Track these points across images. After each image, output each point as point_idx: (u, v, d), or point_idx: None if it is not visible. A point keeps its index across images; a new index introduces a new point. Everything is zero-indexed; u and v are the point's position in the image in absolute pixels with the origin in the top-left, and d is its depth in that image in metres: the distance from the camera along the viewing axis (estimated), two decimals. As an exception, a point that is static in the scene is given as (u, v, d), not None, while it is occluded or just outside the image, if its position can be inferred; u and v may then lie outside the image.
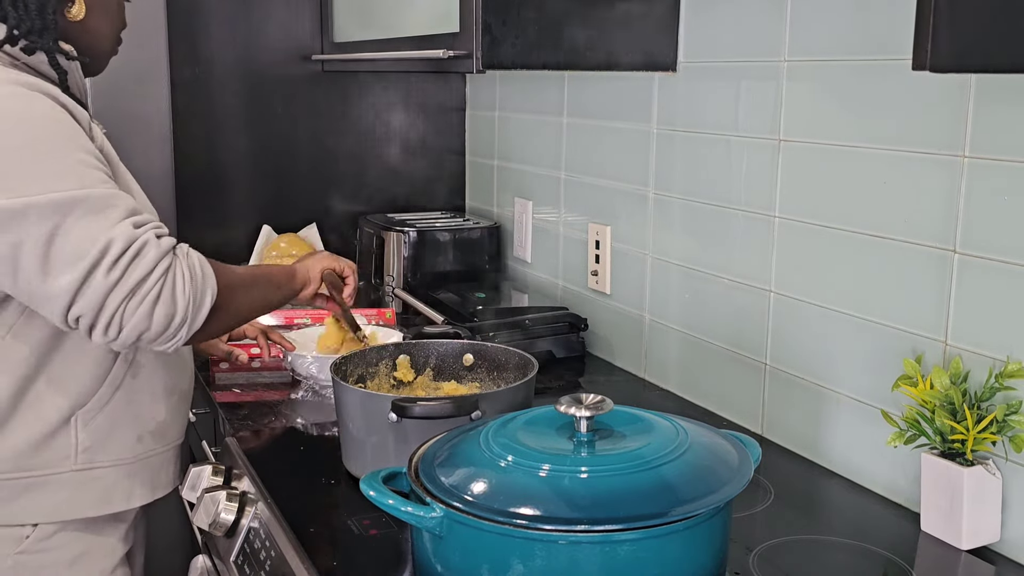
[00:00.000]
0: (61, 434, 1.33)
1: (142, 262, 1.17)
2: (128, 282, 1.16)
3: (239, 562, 1.40)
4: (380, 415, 1.31)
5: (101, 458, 1.37)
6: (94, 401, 1.35)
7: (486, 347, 1.57)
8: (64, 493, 1.34)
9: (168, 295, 1.19)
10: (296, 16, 2.49)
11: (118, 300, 1.16)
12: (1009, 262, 1.20)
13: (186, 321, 1.21)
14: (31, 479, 1.33)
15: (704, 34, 1.71)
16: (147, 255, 1.17)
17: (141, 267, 1.17)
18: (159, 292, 1.18)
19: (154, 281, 1.17)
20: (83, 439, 1.35)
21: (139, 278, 1.16)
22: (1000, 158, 1.20)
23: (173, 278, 1.20)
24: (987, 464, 1.22)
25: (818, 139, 1.47)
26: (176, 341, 1.22)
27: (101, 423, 1.36)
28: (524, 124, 2.35)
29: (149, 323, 1.18)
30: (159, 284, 1.18)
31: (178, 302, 1.20)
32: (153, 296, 1.17)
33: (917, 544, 1.27)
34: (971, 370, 1.25)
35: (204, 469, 1.51)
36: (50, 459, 1.33)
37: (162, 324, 1.19)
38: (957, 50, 0.82)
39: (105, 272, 1.15)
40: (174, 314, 1.19)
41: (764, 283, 1.60)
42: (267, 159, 2.52)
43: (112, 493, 1.38)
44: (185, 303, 1.20)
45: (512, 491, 0.97)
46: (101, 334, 1.17)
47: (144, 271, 1.17)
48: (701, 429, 1.10)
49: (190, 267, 1.22)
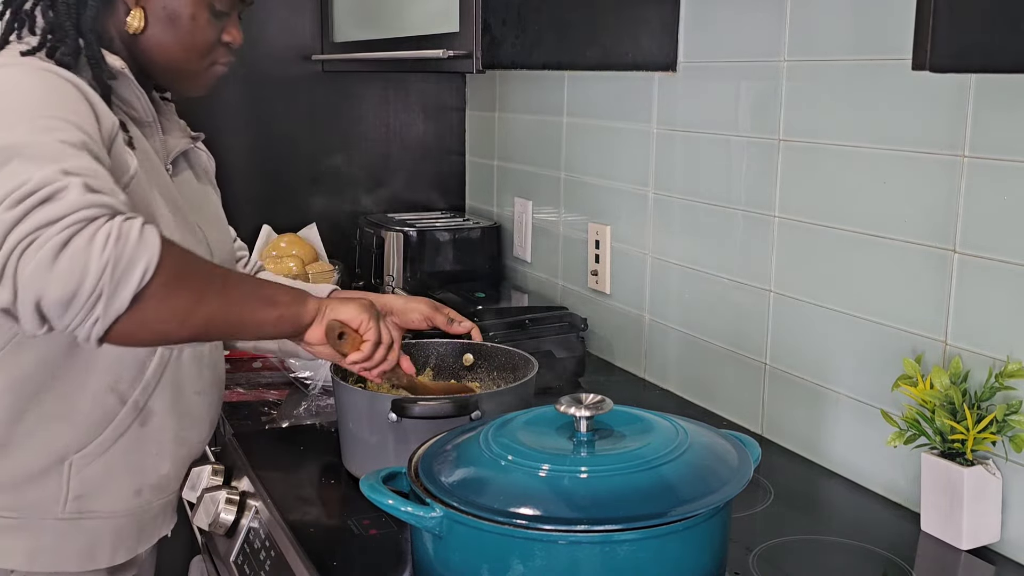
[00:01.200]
0: (51, 476, 1.22)
1: (55, 206, 0.94)
2: (30, 221, 0.93)
3: (239, 562, 1.40)
4: (380, 415, 1.31)
5: (92, 508, 1.25)
6: (94, 446, 1.24)
7: (486, 347, 1.57)
8: (44, 541, 1.23)
9: (79, 247, 0.94)
10: (296, 16, 2.49)
11: (13, 242, 0.93)
12: (1009, 262, 1.20)
13: (101, 293, 0.95)
14: (12, 519, 1.22)
15: (704, 34, 1.71)
16: (65, 198, 0.95)
17: (51, 210, 0.94)
18: (65, 240, 0.93)
19: (62, 227, 0.94)
20: (75, 486, 1.23)
21: (44, 220, 0.93)
22: (1000, 158, 1.20)
23: (92, 232, 0.95)
24: (987, 464, 1.22)
25: (818, 139, 1.47)
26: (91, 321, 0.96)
27: (98, 470, 1.25)
28: (524, 124, 2.35)
29: (47, 278, 0.93)
30: (68, 231, 0.94)
31: (91, 260, 0.94)
32: (58, 241, 0.93)
33: (917, 544, 1.27)
34: (971, 370, 1.25)
35: (204, 469, 1.50)
36: (36, 501, 1.22)
37: (65, 285, 0.93)
38: (957, 50, 0.82)
39: (6, 208, 0.93)
40: (83, 275, 0.94)
41: (764, 283, 1.60)
42: (267, 159, 2.52)
43: (97, 548, 1.27)
44: (101, 265, 0.94)
45: (512, 491, 0.97)
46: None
47: (53, 215, 0.94)
48: (701, 429, 1.10)
49: (122, 229, 0.96)
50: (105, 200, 0.98)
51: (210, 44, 1.31)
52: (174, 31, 1.27)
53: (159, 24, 1.26)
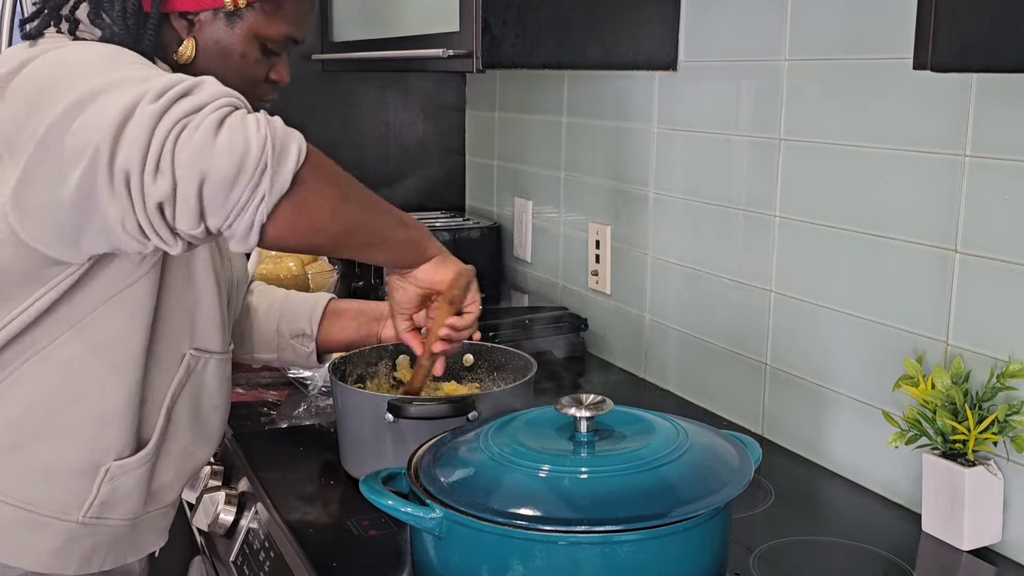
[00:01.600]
0: (83, 479, 1.20)
1: (196, 96, 0.94)
2: (176, 110, 0.93)
3: (238, 563, 1.39)
4: (379, 416, 1.31)
5: (109, 516, 1.24)
6: (135, 459, 1.22)
7: (486, 347, 1.56)
8: (56, 543, 1.21)
9: (235, 124, 0.94)
10: (296, 16, 2.49)
11: (166, 128, 0.92)
12: (1010, 262, 1.20)
13: (266, 166, 0.94)
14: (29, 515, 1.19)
15: (704, 33, 1.71)
16: (204, 90, 0.95)
17: (194, 99, 0.94)
18: (220, 119, 0.94)
19: (213, 109, 0.94)
20: (105, 492, 1.21)
21: (191, 108, 0.93)
22: (1001, 157, 1.20)
23: (242, 115, 0.96)
24: (988, 464, 1.22)
25: (819, 138, 1.47)
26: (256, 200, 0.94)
27: (130, 480, 1.23)
28: (524, 124, 2.34)
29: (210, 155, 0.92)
30: (219, 111, 0.94)
31: (250, 134, 0.94)
32: (212, 121, 0.93)
33: (918, 545, 1.26)
34: (972, 370, 1.25)
35: (203, 469, 1.50)
36: (59, 499, 1.20)
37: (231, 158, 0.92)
38: (958, 49, 0.82)
39: (150, 100, 0.93)
40: (247, 148, 0.93)
41: (764, 283, 1.60)
42: (266, 159, 2.52)
43: (95, 554, 1.25)
44: (261, 139, 0.94)
45: (512, 492, 0.97)
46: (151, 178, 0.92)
47: (198, 103, 0.94)
48: (701, 429, 1.10)
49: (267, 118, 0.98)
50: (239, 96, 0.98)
51: (257, 81, 1.30)
52: (223, 65, 1.24)
53: (210, 57, 1.24)
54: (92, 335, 1.17)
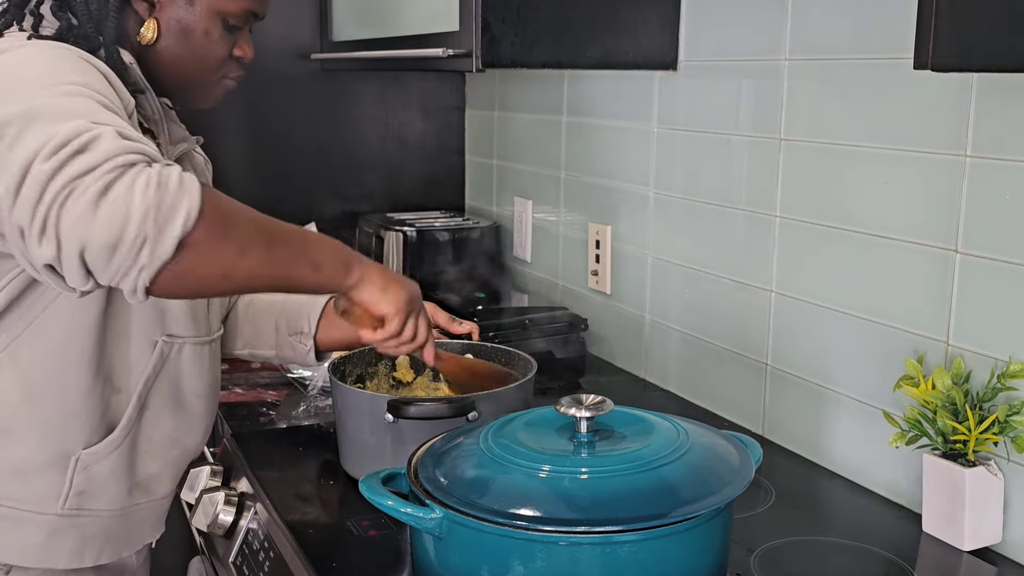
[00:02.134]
0: (55, 470, 1.21)
1: (90, 154, 0.92)
2: (66, 172, 0.91)
3: (238, 563, 1.39)
4: (378, 416, 1.31)
5: (89, 506, 1.24)
6: (104, 445, 1.23)
7: (486, 347, 1.56)
8: (39, 537, 1.22)
9: (120, 193, 0.91)
10: (295, 15, 2.49)
11: (53, 192, 0.90)
12: (1011, 262, 1.20)
13: (145, 238, 0.91)
14: (7, 510, 1.21)
15: (704, 33, 1.70)
16: (99, 146, 0.93)
17: (86, 159, 0.92)
18: (105, 186, 0.91)
19: (101, 174, 0.91)
20: (79, 482, 1.23)
21: (81, 170, 0.91)
22: (1002, 158, 1.20)
23: (132, 178, 0.92)
24: (989, 465, 1.21)
25: (819, 138, 1.47)
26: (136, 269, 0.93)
27: (103, 469, 1.24)
28: (524, 124, 2.34)
29: (90, 225, 0.90)
30: (107, 177, 0.91)
31: (133, 205, 0.91)
32: (98, 188, 0.90)
33: (919, 545, 1.26)
34: (973, 370, 1.24)
35: (203, 470, 1.50)
36: (35, 494, 1.21)
37: (109, 231, 0.90)
38: (959, 49, 0.82)
39: (43, 159, 0.91)
40: (127, 220, 0.91)
41: (765, 283, 1.59)
42: (266, 158, 2.52)
43: (85, 547, 1.26)
44: (143, 210, 0.91)
45: (512, 492, 0.96)
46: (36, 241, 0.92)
47: (90, 164, 0.91)
48: (702, 430, 1.10)
49: (161, 175, 0.93)
50: (139, 147, 0.95)
51: (221, 58, 1.31)
52: (187, 44, 1.27)
53: (172, 37, 1.26)
54: (46, 334, 1.19)
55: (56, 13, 1.19)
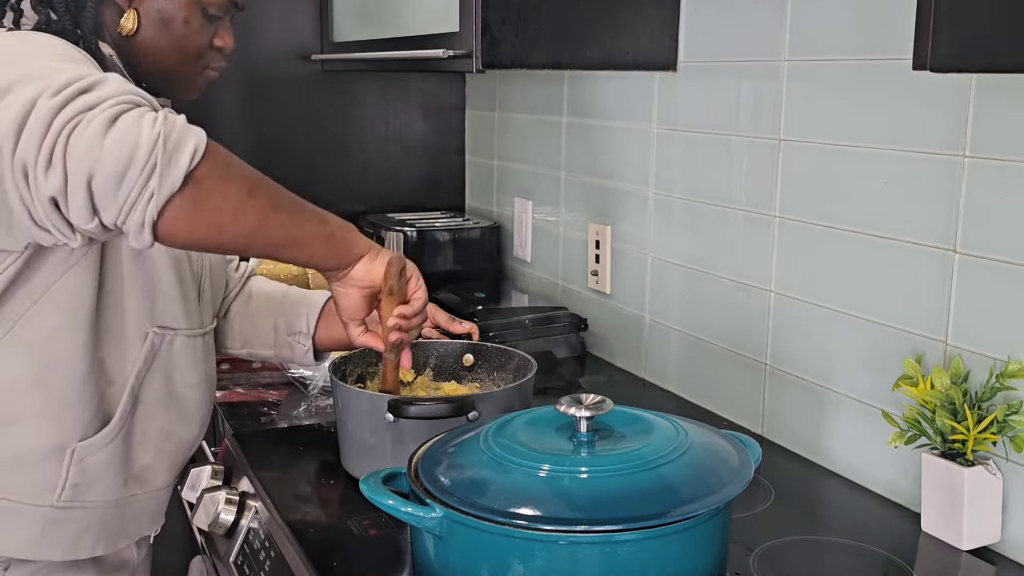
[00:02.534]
0: (51, 463, 1.22)
1: (96, 92, 0.94)
2: (73, 105, 0.93)
3: (239, 562, 1.39)
4: (379, 416, 1.31)
5: (85, 498, 1.24)
6: (99, 437, 1.24)
7: (486, 347, 1.56)
8: (34, 530, 1.22)
9: (129, 122, 0.93)
10: (295, 16, 2.49)
11: (61, 123, 0.92)
12: (1010, 262, 1.20)
13: (155, 165, 0.93)
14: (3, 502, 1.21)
15: (704, 33, 1.71)
16: (105, 86, 0.95)
17: (93, 95, 0.94)
18: (114, 116, 0.93)
19: (109, 105, 0.93)
20: (75, 474, 1.23)
21: (88, 103, 0.93)
22: (1001, 158, 1.20)
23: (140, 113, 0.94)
24: (988, 464, 1.22)
25: (818, 139, 1.47)
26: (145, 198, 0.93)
27: (98, 461, 1.24)
28: (524, 124, 2.35)
29: (99, 151, 0.91)
30: (115, 108, 0.94)
31: (143, 132, 0.93)
32: (106, 118, 0.92)
33: (917, 544, 1.26)
34: (972, 370, 1.25)
35: (204, 469, 1.50)
36: (31, 486, 1.21)
37: (119, 155, 0.92)
38: (958, 50, 0.82)
39: (49, 96, 0.93)
40: (136, 145, 0.92)
41: (764, 283, 1.60)
42: (266, 159, 2.48)
43: (81, 538, 1.26)
44: (152, 137, 0.93)
45: (512, 491, 0.97)
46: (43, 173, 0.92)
47: (97, 99, 0.94)
48: (701, 429, 1.10)
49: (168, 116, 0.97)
50: (143, 93, 0.97)
51: (202, 48, 1.32)
52: (167, 34, 1.28)
53: (152, 27, 1.27)
54: (38, 328, 1.19)
55: (35, 7, 1.20)
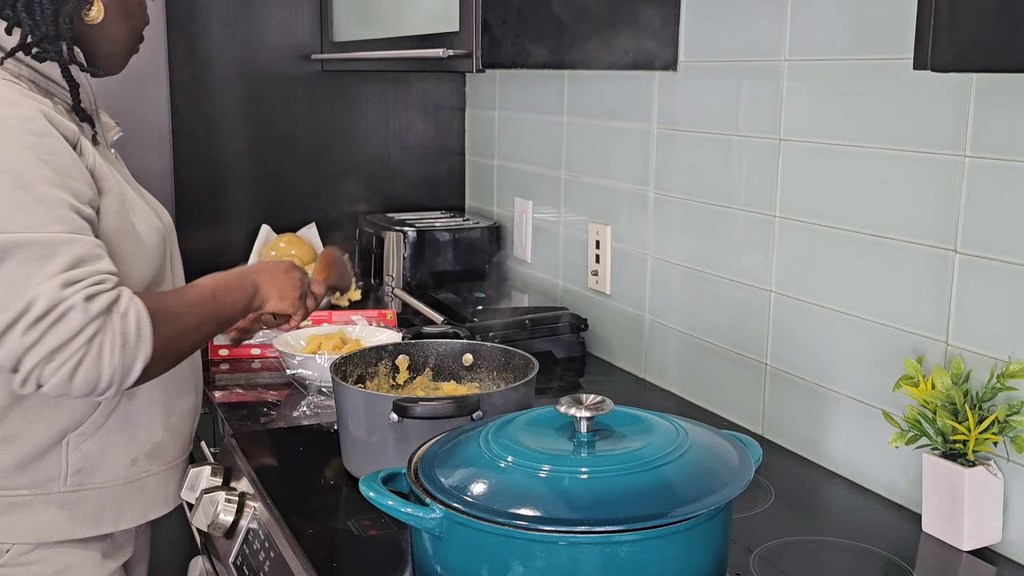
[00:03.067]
0: (51, 455, 1.31)
1: (63, 327, 1.11)
2: (44, 346, 1.11)
3: (238, 563, 1.39)
4: (380, 415, 1.31)
5: (92, 480, 1.34)
6: (88, 424, 1.33)
7: (486, 347, 1.56)
8: (49, 515, 1.32)
9: (92, 362, 1.13)
10: (295, 15, 2.49)
11: (33, 362, 1.11)
12: (1010, 262, 1.20)
13: (112, 384, 1.15)
14: (15, 498, 1.30)
15: (704, 34, 1.71)
16: (71, 320, 1.12)
17: (60, 333, 1.11)
18: (80, 359, 1.12)
19: (75, 348, 1.12)
20: (74, 462, 1.32)
21: (58, 344, 1.11)
22: (1001, 158, 1.20)
23: (100, 345, 1.13)
24: (988, 465, 1.22)
25: (818, 139, 1.47)
26: (105, 397, 1.19)
27: (94, 446, 1.34)
28: (524, 124, 2.34)
29: (69, 387, 1.13)
30: (81, 351, 1.12)
31: (103, 369, 1.14)
32: (73, 363, 1.12)
33: (918, 545, 1.26)
34: (972, 370, 1.24)
35: (203, 470, 1.50)
36: (37, 479, 1.31)
37: (85, 388, 1.14)
38: (958, 49, 0.82)
39: (21, 333, 1.11)
40: (98, 380, 1.14)
41: (764, 283, 1.60)
42: (266, 159, 2.52)
43: (100, 515, 1.36)
44: (112, 370, 1.14)
45: (512, 492, 0.97)
46: (19, 386, 1.15)
47: (64, 338, 1.12)
48: (701, 429, 1.10)
49: (124, 330, 1.15)
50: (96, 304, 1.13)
51: (144, 25, 1.44)
52: (126, 18, 1.38)
53: (114, 13, 1.36)
54: None
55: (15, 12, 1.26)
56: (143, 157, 2.31)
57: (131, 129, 2.31)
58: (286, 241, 2.41)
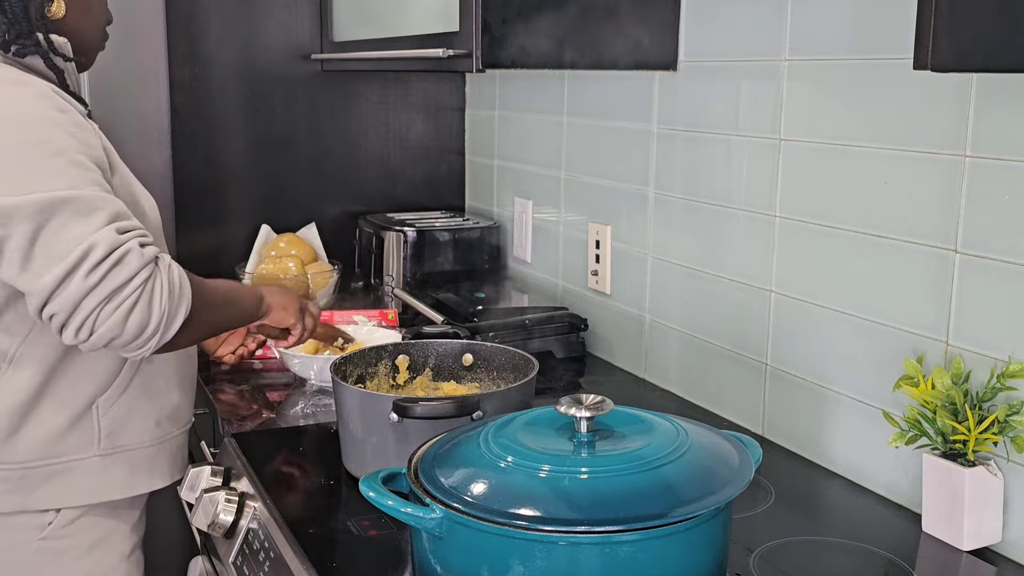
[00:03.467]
0: (84, 421, 1.39)
1: (123, 269, 1.19)
2: (106, 287, 1.18)
3: (238, 563, 1.39)
4: (380, 415, 1.31)
5: (123, 442, 1.43)
6: (113, 388, 1.40)
7: (486, 347, 1.56)
8: (88, 478, 1.40)
9: (144, 305, 1.20)
10: (296, 15, 2.49)
11: (93, 304, 1.17)
12: (1010, 262, 1.20)
13: (158, 332, 1.22)
14: (57, 465, 1.38)
15: (704, 33, 1.70)
16: (129, 263, 1.19)
17: (121, 274, 1.18)
18: (135, 300, 1.19)
19: (132, 289, 1.19)
20: (105, 424, 1.41)
21: (118, 284, 1.18)
22: (1001, 157, 1.20)
23: (151, 289, 1.21)
24: (988, 465, 1.22)
25: (819, 139, 1.47)
26: (146, 350, 1.24)
27: (120, 409, 1.42)
28: (524, 124, 2.34)
29: (121, 330, 1.19)
30: (137, 292, 1.19)
31: (153, 313, 1.21)
32: (129, 304, 1.19)
33: (918, 545, 1.26)
34: (972, 370, 1.24)
35: (203, 470, 1.50)
36: (75, 445, 1.39)
37: (134, 332, 1.20)
38: (958, 49, 0.82)
39: (84, 275, 1.17)
40: (147, 324, 1.21)
41: (764, 283, 1.60)
42: (266, 158, 2.52)
43: (134, 476, 1.45)
44: (160, 315, 1.22)
45: (512, 492, 0.97)
46: (72, 334, 1.19)
47: (124, 278, 1.19)
48: (701, 429, 1.10)
49: (170, 280, 1.23)
50: (148, 251, 1.22)
51: (107, 22, 1.48)
52: (88, 14, 1.43)
53: (75, 8, 1.39)
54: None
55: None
56: (143, 157, 2.31)
57: (130, 129, 2.31)
58: (286, 241, 2.41)
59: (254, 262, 2.36)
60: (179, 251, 2.35)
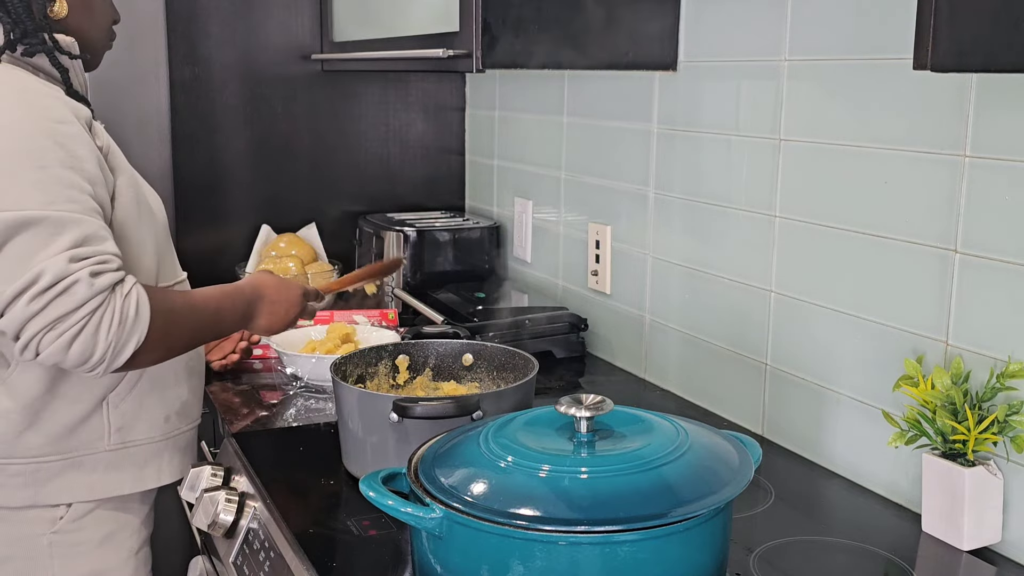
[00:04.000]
0: (94, 416, 1.41)
1: (68, 299, 1.19)
2: (47, 316, 1.19)
3: (238, 563, 1.39)
4: (380, 415, 1.31)
5: (133, 437, 1.45)
6: (123, 384, 1.43)
7: (486, 347, 1.56)
8: (99, 472, 1.42)
9: (89, 334, 1.20)
10: (296, 15, 2.49)
11: (35, 329, 1.19)
12: (1010, 262, 1.20)
13: (104, 360, 1.23)
14: (68, 460, 1.40)
15: (704, 33, 1.71)
16: (75, 293, 1.19)
17: (65, 304, 1.19)
18: (80, 330, 1.20)
19: (77, 319, 1.19)
20: (115, 419, 1.43)
21: (61, 313, 1.19)
22: (1001, 157, 1.20)
23: (99, 319, 1.21)
24: (988, 465, 1.22)
25: (818, 139, 1.47)
26: (95, 374, 1.25)
27: (130, 404, 1.44)
28: (524, 124, 2.34)
29: (64, 356, 1.21)
30: (82, 322, 1.20)
31: (98, 343, 1.21)
32: (72, 333, 1.20)
33: (918, 545, 1.26)
34: (972, 370, 1.25)
35: (203, 469, 1.50)
36: (85, 440, 1.41)
37: (77, 359, 1.21)
38: (958, 50, 0.82)
39: (27, 301, 1.18)
40: (92, 353, 1.21)
41: (764, 283, 1.60)
42: (266, 159, 2.52)
43: (144, 471, 1.47)
44: (105, 346, 1.22)
45: (512, 492, 0.97)
46: (20, 352, 1.22)
47: (68, 308, 1.19)
48: (701, 429, 1.10)
49: (123, 310, 1.23)
50: (102, 280, 1.20)
51: (112, 21, 1.49)
52: (90, 14, 1.43)
53: (77, 8, 1.40)
54: None
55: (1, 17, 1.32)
56: (143, 157, 2.30)
57: (131, 129, 2.31)
58: (286, 241, 2.41)
59: (254, 262, 2.36)
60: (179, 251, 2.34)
